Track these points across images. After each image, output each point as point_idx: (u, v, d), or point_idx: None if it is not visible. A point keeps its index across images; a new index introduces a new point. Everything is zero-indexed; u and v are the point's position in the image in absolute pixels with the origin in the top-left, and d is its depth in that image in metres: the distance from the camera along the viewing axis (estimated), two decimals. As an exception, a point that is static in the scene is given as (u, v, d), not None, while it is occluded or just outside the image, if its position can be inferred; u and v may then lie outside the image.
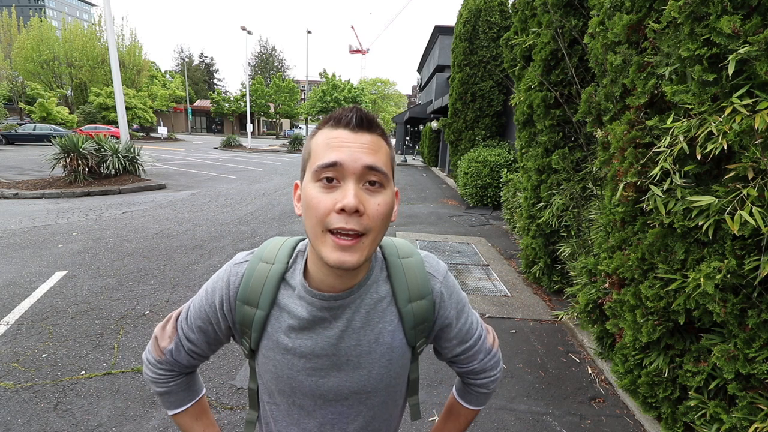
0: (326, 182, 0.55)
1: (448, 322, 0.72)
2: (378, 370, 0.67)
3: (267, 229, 6.10)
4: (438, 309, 0.70)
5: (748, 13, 1.55)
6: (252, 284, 0.66)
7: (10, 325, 3.01)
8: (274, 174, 13.28)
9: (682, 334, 2.03)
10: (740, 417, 1.60)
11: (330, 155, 0.54)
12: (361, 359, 0.66)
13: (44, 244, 4.86)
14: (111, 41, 10.18)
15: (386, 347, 0.67)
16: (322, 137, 0.57)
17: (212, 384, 2.46)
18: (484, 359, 0.78)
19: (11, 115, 28.95)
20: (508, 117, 9.81)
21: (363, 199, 0.54)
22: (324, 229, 0.55)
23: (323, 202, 0.54)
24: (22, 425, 2.05)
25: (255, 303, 0.66)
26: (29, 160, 13.50)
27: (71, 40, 29.05)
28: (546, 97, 3.72)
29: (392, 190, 0.60)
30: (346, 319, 0.64)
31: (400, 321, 0.67)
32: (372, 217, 0.55)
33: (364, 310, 0.65)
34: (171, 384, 0.76)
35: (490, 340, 0.79)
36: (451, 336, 0.74)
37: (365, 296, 0.65)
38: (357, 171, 0.54)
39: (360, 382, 0.67)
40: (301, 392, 0.68)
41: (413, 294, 0.67)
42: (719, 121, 1.55)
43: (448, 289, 0.71)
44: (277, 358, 0.66)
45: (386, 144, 0.59)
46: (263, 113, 43.87)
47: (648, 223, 2.09)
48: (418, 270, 0.69)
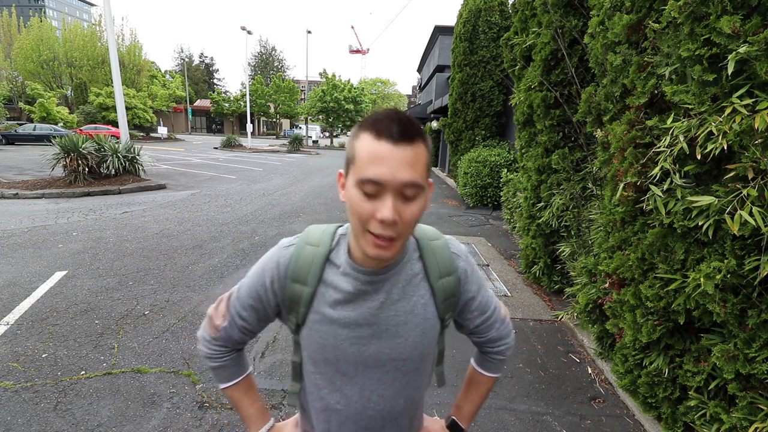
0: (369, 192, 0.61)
1: (471, 295, 0.82)
2: (413, 338, 0.75)
3: (267, 229, 6.10)
4: (463, 284, 0.80)
5: (748, 13, 1.55)
6: (300, 264, 0.75)
7: (10, 325, 3.01)
8: (274, 174, 13.28)
9: (682, 334, 2.03)
10: (740, 417, 1.60)
11: (371, 170, 0.60)
12: (398, 328, 0.74)
13: (44, 244, 4.86)
14: (111, 41, 10.18)
15: (420, 318, 0.75)
16: (365, 146, 0.61)
17: (212, 384, 2.45)
18: (500, 327, 0.89)
19: (11, 114, 28.92)
20: (508, 117, 9.81)
21: (399, 210, 0.61)
22: (364, 229, 0.63)
23: (365, 210, 0.62)
24: (22, 425, 2.05)
25: (303, 281, 0.74)
26: (29, 160, 13.50)
27: (71, 40, 29.06)
28: (546, 97, 3.72)
29: (426, 194, 0.65)
30: (385, 292, 0.73)
31: (432, 295, 0.77)
32: (407, 223, 0.62)
33: (401, 285, 0.74)
34: (224, 359, 0.85)
35: (502, 310, 0.91)
36: (473, 308, 0.84)
37: (401, 272, 0.74)
38: (396, 187, 0.60)
39: (397, 350, 0.75)
40: (345, 360, 0.75)
41: (442, 271, 0.77)
42: (719, 121, 1.55)
43: (470, 267, 0.82)
44: (323, 329, 0.74)
45: (425, 150, 0.63)
46: (263, 113, 43.86)
47: (648, 223, 2.09)
48: (444, 251, 0.79)
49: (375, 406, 0.79)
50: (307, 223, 6.55)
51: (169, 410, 2.22)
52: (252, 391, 0.91)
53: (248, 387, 0.90)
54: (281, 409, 2.27)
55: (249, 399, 0.89)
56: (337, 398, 0.78)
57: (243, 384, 0.89)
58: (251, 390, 0.91)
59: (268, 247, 4.18)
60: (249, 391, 0.90)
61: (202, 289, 3.83)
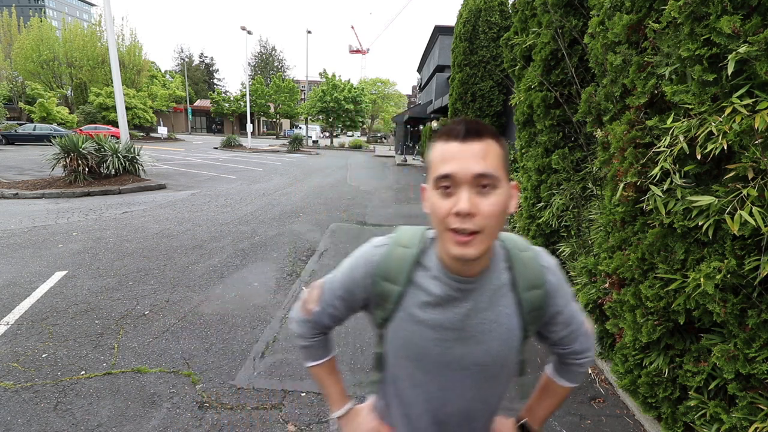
0: (444, 190, 0.65)
1: (559, 309, 0.81)
2: (496, 347, 0.76)
3: (267, 229, 6.10)
4: (550, 298, 0.79)
5: (748, 13, 1.55)
6: (391, 264, 0.78)
7: (10, 325, 3.01)
8: (274, 174, 13.28)
9: (682, 334, 2.03)
10: (740, 417, 1.60)
11: (444, 168, 0.64)
12: (483, 336, 0.75)
13: (44, 244, 4.86)
14: (111, 41, 10.18)
15: (504, 327, 0.76)
16: (438, 151, 0.67)
17: (212, 384, 2.46)
18: (583, 341, 0.87)
19: (11, 114, 28.91)
20: (508, 117, 9.81)
21: (476, 202, 0.62)
22: (445, 228, 0.65)
23: (443, 207, 0.64)
24: (22, 425, 2.05)
25: (393, 280, 0.77)
26: (29, 160, 13.50)
27: (71, 40, 29.06)
28: (546, 97, 3.72)
29: (505, 188, 0.65)
30: (473, 300, 0.74)
31: (518, 306, 0.77)
32: (486, 216, 0.63)
33: (488, 294, 0.75)
34: (312, 340, 0.92)
35: (587, 323, 0.89)
36: (559, 321, 0.83)
37: (489, 282, 0.75)
38: (468, 179, 0.62)
39: (479, 356, 0.76)
40: (428, 359, 0.77)
41: (531, 283, 0.77)
42: (719, 121, 1.55)
43: (559, 281, 0.80)
44: (410, 328, 0.76)
45: (497, 146, 0.66)
46: (263, 113, 43.86)
47: (648, 223, 2.09)
48: (534, 263, 0.78)
49: (453, 405, 0.81)
50: (307, 223, 6.55)
51: (169, 410, 2.22)
52: (334, 373, 0.96)
53: (331, 369, 0.96)
54: (281, 409, 2.27)
55: (332, 380, 0.96)
56: (417, 392, 0.82)
57: (327, 365, 0.95)
58: (334, 372, 0.96)
59: (268, 246, 4.15)
60: (332, 372, 0.96)
61: (202, 289, 3.83)
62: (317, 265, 4.63)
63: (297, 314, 0.92)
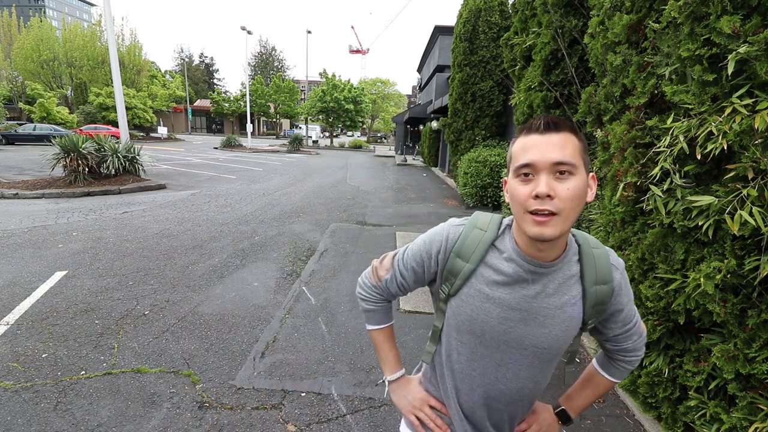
0: (524, 177, 0.70)
1: (621, 307, 0.85)
2: (556, 332, 0.81)
3: (267, 228, 6.10)
4: (615, 296, 0.83)
5: (748, 13, 1.55)
6: (467, 243, 0.84)
7: (10, 325, 3.01)
8: (274, 174, 13.27)
9: (682, 334, 2.03)
10: (740, 417, 1.60)
11: (524, 157, 0.70)
12: (546, 320, 0.80)
13: (44, 244, 4.86)
14: (111, 41, 10.18)
15: (567, 315, 0.80)
16: (519, 143, 0.73)
17: (212, 384, 2.46)
18: (637, 340, 0.91)
19: (11, 114, 28.91)
20: (508, 117, 9.81)
21: (553, 186, 0.67)
22: (525, 211, 0.70)
23: (523, 192, 0.70)
24: (22, 425, 2.05)
25: (467, 258, 0.83)
26: (29, 160, 13.50)
27: (71, 40, 29.05)
28: (546, 97, 3.72)
29: (583, 176, 0.70)
30: (542, 284, 0.79)
31: (583, 298, 0.81)
32: (563, 199, 0.67)
33: (558, 282, 0.79)
34: (377, 305, 1.00)
35: (641, 325, 0.93)
36: (618, 319, 0.87)
37: (560, 270, 0.79)
38: (546, 166, 0.67)
39: (540, 339, 0.81)
40: (490, 335, 0.83)
41: (599, 278, 0.81)
42: (719, 121, 1.55)
43: (625, 281, 0.85)
44: (476, 304, 0.82)
45: (576, 138, 0.70)
46: (263, 113, 43.85)
47: (648, 223, 2.09)
48: (604, 260, 0.82)
49: (507, 382, 0.86)
50: (307, 223, 6.55)
51: (169, 410, 2.22)
52: (391, 340, 1.05)
53: (389, 335, 1.04)
54: (281, 409, 2.27)
55: (388, 345, 1.04)
56: (474, 366, 0.87)
57: (385, 330, 1.03)
58: (391, 338, 1.05)
59: (268, 246, 4.15)
60: (389, 338, 1.04)
61: (202, 289, 3.83)
62: (317, 265, 4.63)
63: (365, 279, 1.01)
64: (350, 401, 2.36)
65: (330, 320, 3.34)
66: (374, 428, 2.16)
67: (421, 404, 0.98)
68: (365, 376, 2.61)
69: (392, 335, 1.06)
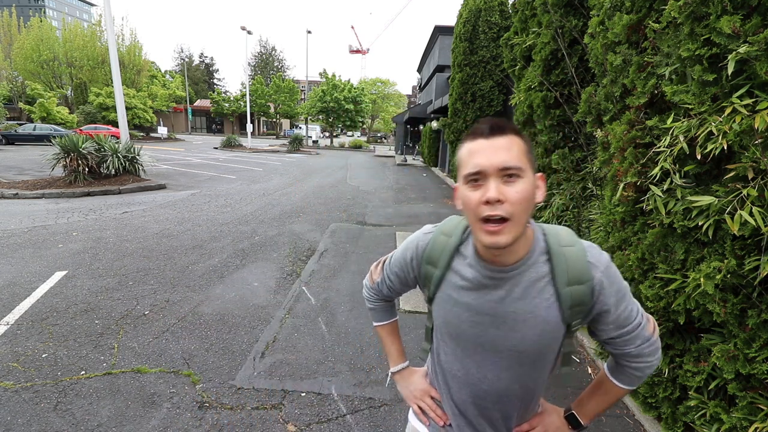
0: (474, 183, 0.70)
1: (607, 308, 0.79)
2: (531, 337, 0.79)
3: (267, 228, 6.10)
4: (597, 295, 0.78)
5: (748, 13, 1.55)
6: (435, 250, 0.87)
7: (10, 325, 3.01)
8: (274, 174, 13.27)
9: (682, 334, 2.03)
10: (740, 417, 1.60)
11: (472, 163, 0.70)
12: (517, 324, 0.79)
13: (44, 244, 4.86)
14: (111, 41, 10.18)
15: (540, 320, 0.78)
16: (466, 148, 0.74)
17: (212, 384, 2.46)
18: (641, 345, 0.83)
19: (11, 114, 28.91)
20: (508, 117, 9.81)
21: (503, 191, 0.68)
22: (477, 218, 0.70)
23: (474, 198, 0.70)
24: (22, 425, 2.05)
25: (435, 264, 0.87)
26: (29, 160, 13.50)
27: (71, 40, 29.05)
28: (546, 97, 3.72)
29: (531, 177, 0.71)
30: (506, 289, 0.78)
31: (557, 300, 0.78)
32: (513, 203, 0.68)
33: (523, 285, 0.78)
34: (375, 304, 1.09)
35: (650, 328, 0.84)
36: (608, 321, 0.81)
37: (524, 274, 0.77)
38: (494, 171, 0.68)
39: (513, 342, 0.80)
40: (464, 338, 0.84)
41: (572, 278, 0.77)
42: (719, 121, 1.55)
43: (608, 279, 0.78)
44: (448, 308, 0.85)
45: (520, 140, 0.71)
46: (263, 113, 43.85)
47: (648, 223, 2.09)
48: (578, 258, 0.78)
49: (490, 383, 0.86)
50: (307, 223, 6.55)
51: (169, 410, 2.22)
52: (394, 335, 1.12)
53: (392, 330, 1.12)
54: (281, 409, 2.27)
55: (391, 339, 1.11)
56: (458, 367, 0.89)
57: (388, 327, 1.11)
58: (394, 333, 1.12)
59: (268, 246, 4.16)
60: (392, 333, 1.12)
61: (202, 289, 3.83)
62: (317, 265, 4.63)
63: (366, 281, 1.10)
64: (350, 401, 2.36)
65: (330, 320, 3.34)
66: (374, 428, 2.16)
67: (422, 395, 1.02)
68: (365, 376, 2.61)
69: (395, 331, 1.12)
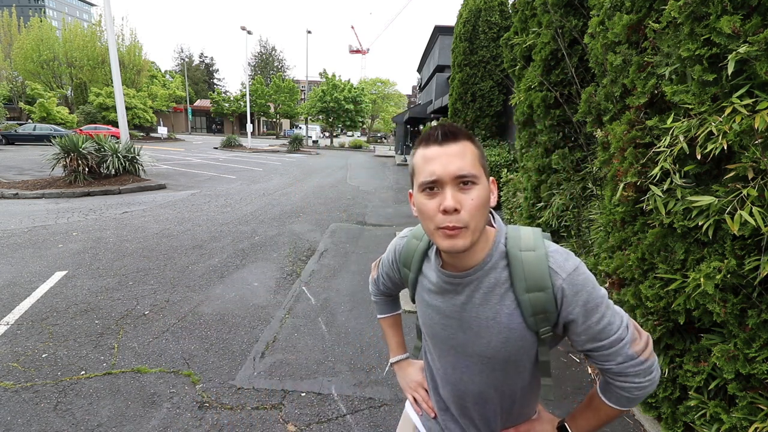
0: (429, 191, 0.70)
1: (573, 318, 0.74)
2: (495, 343, 0.78)
3: (267, 228, 6.10)
4: (560, 304, 0.73)
5: (748, 13, 1.54)
6: (408, 253, 0.91)
7: (10, 325, 3.01)
8: (274, 174, 13.27)
9: (682, 334, 2.03)
10: (740, 417, 1.60)
11: (427, 171, 0.69)
12: (480, 330, 0.79)
13: (44, 244, 4.86)
14: (111, 41, 10.18)
15: (503, 326, 0.76)
16: (419, 155, 0.72)
17: (212, 384, 2.46)
18: (623, 363, 0.75)
19: (11, 114, 28.90)
20: (508, 117, 9.81)
21: (459, 199, 0.68)
22: (435, 227, 0.70)
23: (431, 207, 0.70)
24: (22, 425, 2.05)
25: (408, 267, 0.91)
26: (29, 160, 13.50)
27: (71, 40, 29.06)
28: (546, 97, 3.72)
29: (485, 183, 0.71)
30: (466, 294, 0.78)
31: (518, 307, 0.75)
32: (469, 210, 0.68)
33: (483, 291, 0.77)
34: (378, 297, 1.16)
35: (637, 347, 0.75)
36: (578, 331, 0.75)
37: (483, 279, 0.76)
38: (450, 179, 0.68)
39: (480, 348, 0.80)
40: (439, 339, 0.87)
41: (530, 285, 0.73)
42: (719, 121, 1.55)
43: (573, 287, 0.72)
44: (423, 309, 0.89)
45: (473, 145, 0.71)
46: (263, 113, 43.85)
47: (648, 223, 2.09)
48: (538, 264, 0.73)
49: (466, 385, 0.87)
50: (307, 223, 6.55)
51: (169, 410, 2.22)
52: (396, 327, 1.18)
53: (393, 323, 1.17)
54: (281, 409, 2.27)
55: (392, 331, 1.17)
56: (438, 365, 0.92)
57: (389, 319, 1.17)
58: (395, 326, 1.18)
59: (268, 246, 4.16)
60: (393, 326, 1.17)
61: (202, 289, 3.83)
62: (317, 265, 4.63)
63: (370, 276, 1.15)
64: (350, 401, 2.36)
65: (330, 320, 3.34)
66: (374, 428, 2.16)
67: (416, 386, 1.07)
68: (365, 376, 2.61)
69: (396, 324, 1.18)
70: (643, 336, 0.77)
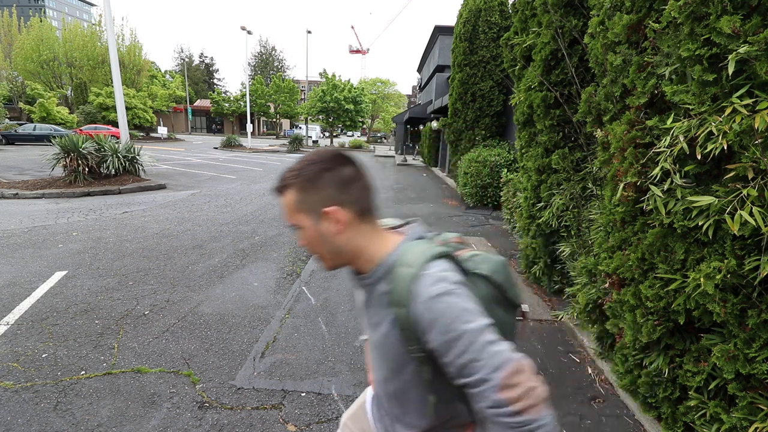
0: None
1: (434, 346, 0.70)
2: (381, 351, 0.85)
3: (267, 229, 6.10)
4: (419, 328, 0.71)
5: (748, 13, 1.54)
6: None
7: (10, 325, 3.01)
8: (274, 174, 13.27)
9: (682, 334, 2.03)
10: (740, 417, 1.60)
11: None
12: (372, 334, 0.86)
13: (44, 244, 4.86)
14: (111, 41, 10.18)
15: (383, 334, 0.81)
16: None
17: (212, 384, 2.46)
18: (491, 408, 0.65)
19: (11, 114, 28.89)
20: (508, 117, 9.81)
21: (299, 238, 0.83)
22: None
23: None
24: (22, 425, 2.05)
25: None
26: (29, 160, 13.50)
27: (71, 40, 29.07)
28: (546, 97, 3.72)
29: (311, 223, 0.79)
30: (365, 295, 0.86)
31: (396, 320, 0.77)
32: (306, 246, 0.83)
33: (375, 296, 0.83)
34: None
35: (507, 395, 0.63)
36: (444, 363, 0.70)
37: (374, 287, 0.82)
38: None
39: (373, 346, 0.88)
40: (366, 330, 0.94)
41: (395, 299, 0.75)
42: (719, 121, 1.55)
43: (430, 313, 0.68)
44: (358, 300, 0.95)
45: (292, 193, 0.79)
46: (263, 113, 43.83)
47: (648, 223, 2.09)
48: (404, 281, 0.73)
49: (377, 385, 0.94)
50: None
51: (169, 410, 2.22)
52: None
53: None
54: (281, 409, 2.27)
55: None
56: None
57: None
58: None
59: (268, 246, 4.16)
60: None
61: (202, 289, 3.83)
62: (317, 265, 4.63)
63: None
64: (350, 401, 2.36)
65: (330, 320, 3.34)
66: (374, 428, 2.16)
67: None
68: (365, 376, 2.61)
69: None
70: (525, 387, 0.64)
